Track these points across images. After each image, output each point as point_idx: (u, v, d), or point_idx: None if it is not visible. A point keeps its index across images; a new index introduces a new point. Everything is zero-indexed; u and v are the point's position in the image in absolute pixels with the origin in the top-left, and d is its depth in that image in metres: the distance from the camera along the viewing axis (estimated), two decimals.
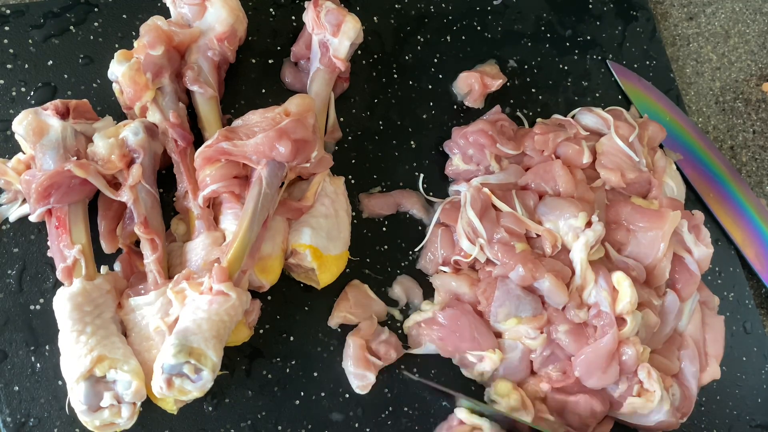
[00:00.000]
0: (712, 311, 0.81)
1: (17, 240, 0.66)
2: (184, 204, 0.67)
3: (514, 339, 0.72)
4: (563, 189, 0.74)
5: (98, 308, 0.61)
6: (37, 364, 0.63)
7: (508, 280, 0.70)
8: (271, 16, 0.79)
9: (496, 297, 0.70)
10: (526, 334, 0.71)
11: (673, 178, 0.84)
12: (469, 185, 0.75)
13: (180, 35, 0.69)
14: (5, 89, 0.69)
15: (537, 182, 0.76)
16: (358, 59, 0.80)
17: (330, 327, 0.71)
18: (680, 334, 0.77)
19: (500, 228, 0.72)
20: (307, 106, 0.66)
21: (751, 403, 0.83)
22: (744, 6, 1.03)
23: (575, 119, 0.82)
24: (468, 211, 0.72)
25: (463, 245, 0.72)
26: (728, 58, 1.00)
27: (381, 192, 0.77)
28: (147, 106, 0.67)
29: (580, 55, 0.90)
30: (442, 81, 0.83)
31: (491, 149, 0.76)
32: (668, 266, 0.76)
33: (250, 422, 0.67)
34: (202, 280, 0.61)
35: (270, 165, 0.64)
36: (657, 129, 0.83)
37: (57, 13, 0.72)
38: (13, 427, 0.61)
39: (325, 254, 0.68)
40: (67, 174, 0.61)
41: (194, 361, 0.57)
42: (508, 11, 0.89)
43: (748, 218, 0.89)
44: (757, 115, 0.98)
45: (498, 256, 0.71)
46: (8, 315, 0.64)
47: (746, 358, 0.84)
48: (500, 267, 0.70)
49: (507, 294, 0.70)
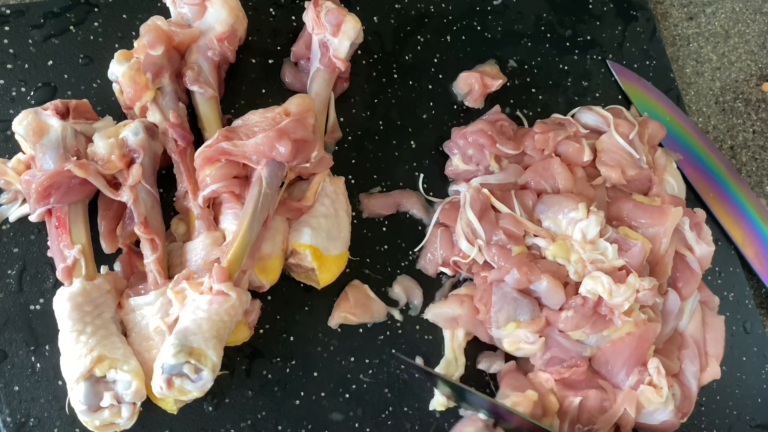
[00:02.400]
0: (713, 311, 0.81)
1: (17, 240, 0.66)
2: (184, 204, 0.67)
3: (513, 345, 0.72)
4: (562, 186, 0.74)
5: (98, 308, 0.61)
6: (37, 364, 0.63)
7: (504, 283, 0.70)
8: (271, 16, 0.79)
9: (493, 302, 0.70)
10: (525, 338, 0.70)
11: (674, 176, 0.83)
12: (469, 186, 0.75)
13: (180, 35, 0.69)
14: (5, 89, 0.69)
15: (536, 180, 0.76)
16: (358, 59, 0.80)
17: (330, 327, 0.71)
18: (681, 334, 0.77)
19: (499, 230, 0.72)
20: (307, 106, 0.66)
21: (751, 403, 0.83)
22: (744, 6, 1.03)
23: (575, 118, 0.82)
24: (467, 212, 0.72)
25: (462, 246, 0.72)
26: (728, 58, 1.00)
27: (381, 192, 0.77)
28: (147, 106, 0.67)
29: (580, 55, 0.90)
30: (442, 81, 0.83)
31: (491, 149, 0.76)
32: (671, 262, 0.75)
33: (250, 422, 0.67)
34: (202, 280, 0.61)
35: (270, 165, 0.64)
36: (657, 127, 0.83)
37: (57, 13, 0.72)
38: (13, 427, 0.61)
39: (325, 254, 0.68)
40: (67, 174, 0.61)
41: (194, 361, 0.58)
42: (508, 11, 0.89)
43: (748, 218, 0.89)
44: (757, 115, 0.98)
45: (495, 259, 0.71)
46: (8, 315, 0.64)
47: (746, 358, 0.84)
48: (496, 271, 0.70)
49: (504, 298, 0.70)
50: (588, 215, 0.71)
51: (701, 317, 0.79)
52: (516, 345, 0.71)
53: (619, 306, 0.69)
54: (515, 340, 0.71)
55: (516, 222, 0.72)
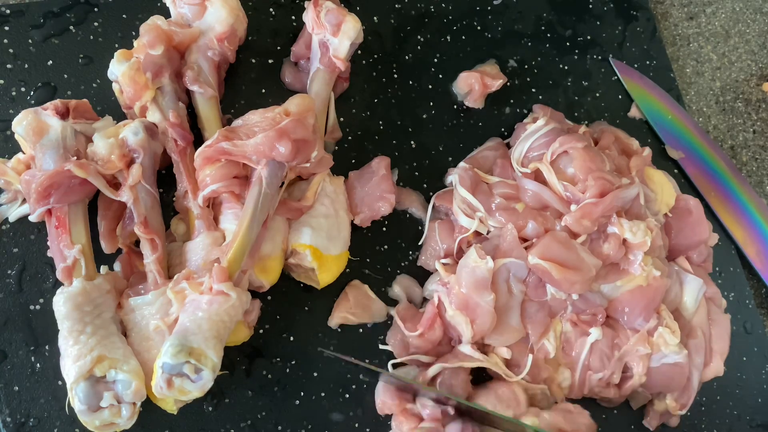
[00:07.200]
0: (719, 308, 0.81)
1: (17, 240, 0.66)
2: (184, 204, 0.67)
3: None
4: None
5: (98, 308, 0.61)
6: (37, 364, 0.63)
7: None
8: (271, 16, 0.79)
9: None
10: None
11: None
12: (456, 168, 0.77)
13: (180, 35, 0.69)
14: (5, 89, 0.69)
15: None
16: (358, 59, 0.80)
17: (330, 327, 0.71)
18: (689, 323, 0.77)
19: (496, 197, 0.74)
20: (307, 106, 0.66)
21: (751, 403, 0.83)
22: (744, 6, 1.03)
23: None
24: (460, 190, 0.74)
25: (462, 222, 0.73)
26: (728, 58, 1.00)
27: None
28: (147, 105, 0.67)
29: (580, 55, 0.90)
30: (442, 81, 0.83)
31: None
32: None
33: (250, 422, 0.67)
34: (202, 280, 0.61)
35: (270, 165, 0.64)
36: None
37: (57, 13, 0.72)
38: (13, 427, 0.61)
39: (325, 254, 0.68)
40: (67, 174, 0.61)
41: (194, 361, 0.57)
42: (508, 11, 0.89)
43: (749, 216, 0.89)
44: (758, 114, 0.98)
45: (503, 221, 0.72)
46: (8, 315, 0.63)
47: (746, 358, 0.84)
48: (507, 230, 0.71)
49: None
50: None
51: (707, 312, 0.79)
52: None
53: (642, 244, 0.71)
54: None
55: (510, 185, 0.75)
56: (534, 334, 0.71)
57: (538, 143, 0.76)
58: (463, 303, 0.68)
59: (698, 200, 0.81)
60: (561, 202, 0.73)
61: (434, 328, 0.69)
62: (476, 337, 0.69)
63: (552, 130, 0.76)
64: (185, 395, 0.59)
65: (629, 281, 0.73)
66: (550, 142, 0.75)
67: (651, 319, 0.73)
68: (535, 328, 0.71)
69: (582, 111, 0.87)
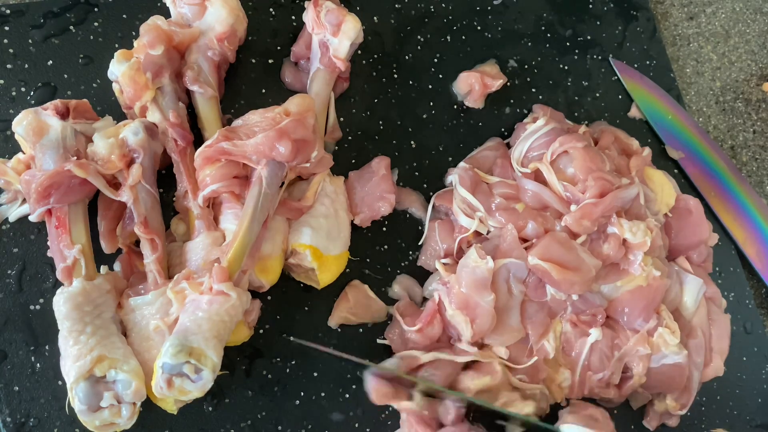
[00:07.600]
0: (719, 308, 0.81)
1: (17, 240, 0.66)
2: (184, 204, 0.67)
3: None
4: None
5: (98, 308, 0.61)
6: (37, 364, 0.63)
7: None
8: (271, 16, 0.79)
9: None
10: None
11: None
12: (456, 168, 0.77)
13: (180, 35, 0.69)
14: (5, 89, 0.69)
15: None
16: (358, 59, 0.80)
17: (330, 327, 0.71)
18: (689, 323, 0.77)
19: (495, 197, 0.74)
20: (307, 106, 0.66)
21: (751, 403, 0.83)
22: (744, 6, 1.03)
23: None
24: (460, 190, 0.74)
25: (462, 222, 0.73)
26: (728, 58, 1.00)
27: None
28: (147, 105, 0.67)
29: (580, 55, 0.90)
30: (442, 81, 0.83)
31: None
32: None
33: (250, 422, 0.67)
34: (202, 280, 0.61)
35: (270, 165, 0.64)
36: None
37: (57, 13, 0.72)
38: (13, 427, 0.61)
39: (325, 254, 0.68)
40: (67, 174, 0.61)
41: (194, 361, 0.57)
42: (508, 11, 0.89)
43: (749, 216, 0.89)
44: (758, 115, 0.98)
45: (503, 221, 0.72)
46: (8, 315, 0.64)
47: (746, 358, 0.84)
48: (511, 227, 0.72)
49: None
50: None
51: (707, 312, 0.79)
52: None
53: (642, 245, 0.71)
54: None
55: (510, 185, 0.75)
56: (534, 334, 0.71)
57: (538, 143, 0.76)
58: (463, 303, 0.68)
59: (698, 200, 0.81)
60: (561, 202, 0.73)
61: (433, 324, 0.70)
62: (476, 337, 0.69)
63: (552, 130, 0.76)
64: (185, 395, 0.59)
65: (629, 281, 0.73)
66: (550, 142, 0.75)
67: (651, 320, 0.73)
68: (535, 329, 0.71)
69: (582, 111, 0.87)
